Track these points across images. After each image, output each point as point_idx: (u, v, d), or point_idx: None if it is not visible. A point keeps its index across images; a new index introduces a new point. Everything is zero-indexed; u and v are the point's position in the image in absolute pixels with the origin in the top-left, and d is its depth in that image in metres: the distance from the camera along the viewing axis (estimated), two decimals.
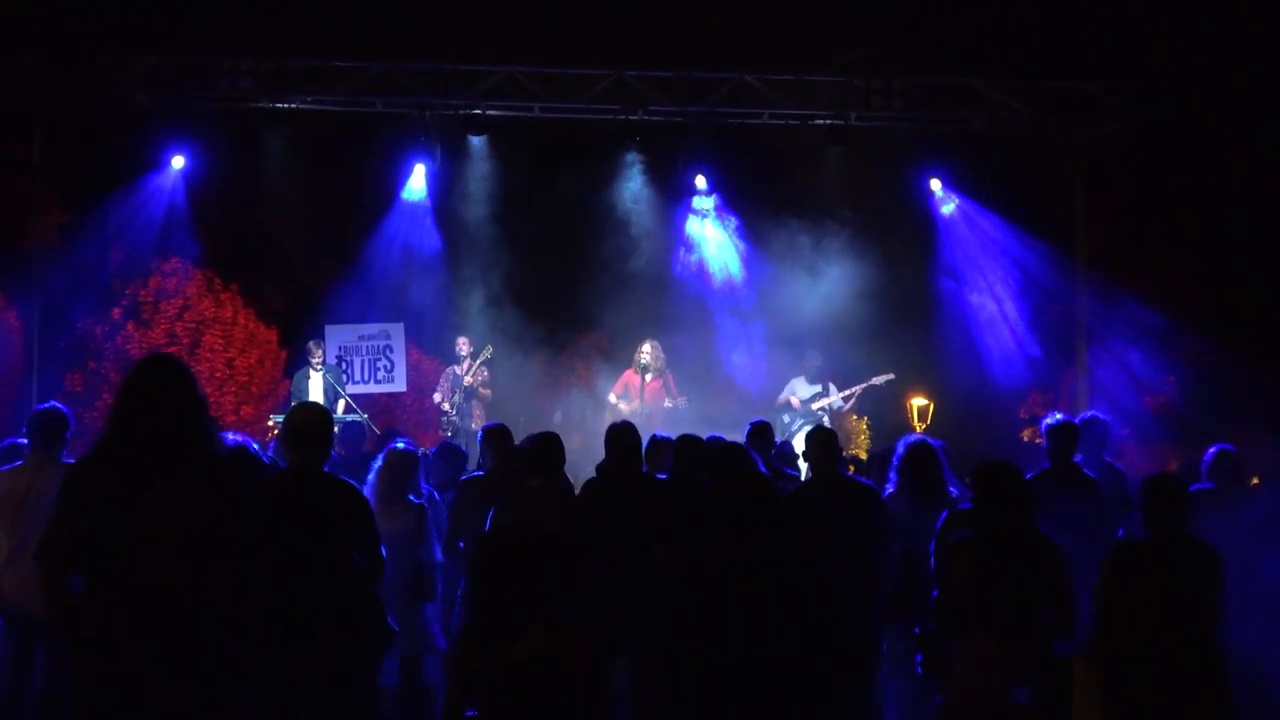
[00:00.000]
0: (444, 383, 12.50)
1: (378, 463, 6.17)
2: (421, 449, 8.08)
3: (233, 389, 13.26)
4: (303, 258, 13.12)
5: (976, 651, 4.67)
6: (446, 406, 11.98)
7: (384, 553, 4.95)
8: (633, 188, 12.98)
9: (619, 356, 12.57)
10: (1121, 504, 6.39)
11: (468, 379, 11.67)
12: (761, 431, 7.28)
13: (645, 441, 6.47)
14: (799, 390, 12.16)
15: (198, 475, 3.81)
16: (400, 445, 6.33)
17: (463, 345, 12.39)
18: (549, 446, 6.11)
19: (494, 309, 12.80)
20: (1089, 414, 7.32)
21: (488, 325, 12.85)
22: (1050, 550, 4.74)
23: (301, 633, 4.64)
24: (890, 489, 6.30)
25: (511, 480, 6.21)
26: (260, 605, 3.98)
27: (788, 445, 8.82)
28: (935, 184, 13.15)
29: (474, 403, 11.95)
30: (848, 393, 11.97)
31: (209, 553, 3.76)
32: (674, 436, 6.61)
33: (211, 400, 12.24)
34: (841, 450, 7.02)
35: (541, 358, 12.87)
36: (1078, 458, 6.53)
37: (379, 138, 12.64)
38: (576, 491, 6.38)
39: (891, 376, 11.85)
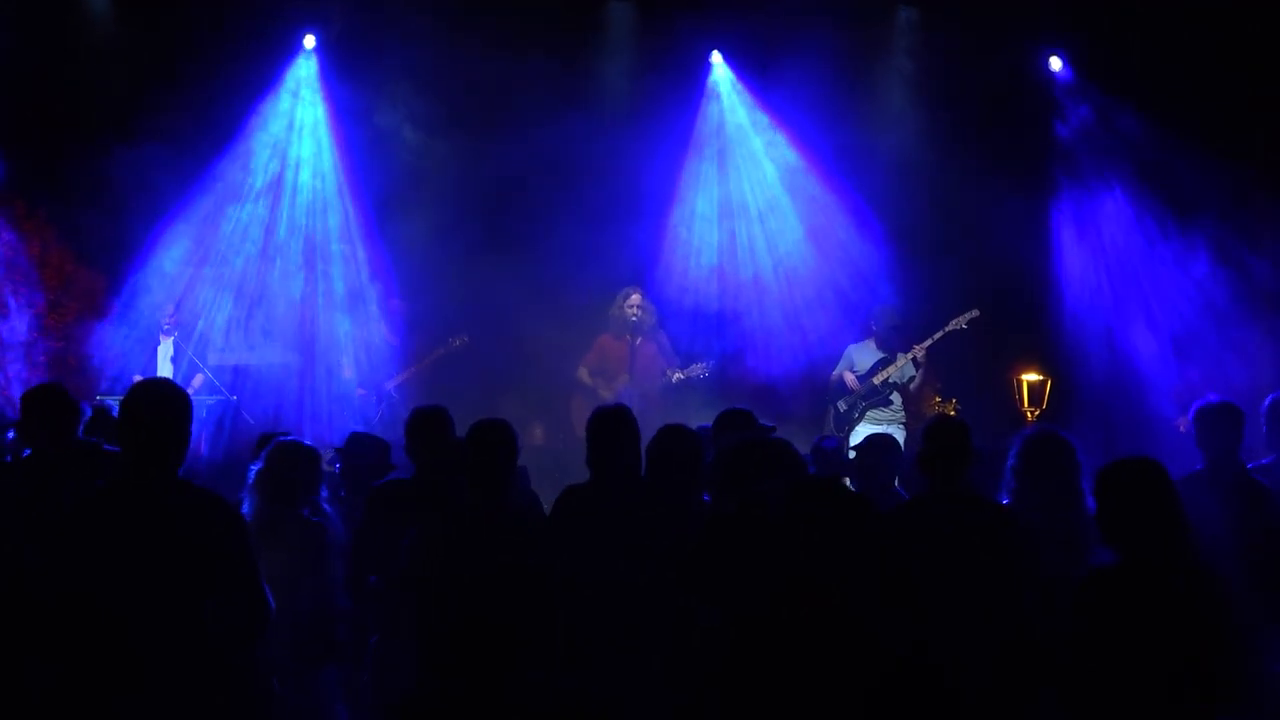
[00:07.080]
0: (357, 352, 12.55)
1: (257, 465, 6.23)
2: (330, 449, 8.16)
3: (42, 358, 12.63)
4: (141, 170, 12.27)
5: None
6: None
7: (269, 597, 4.85)
8: (619, 68, 12.95)
9: (591, 314, 12.44)
10: None
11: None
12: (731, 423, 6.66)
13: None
14: (857, 360, 11.69)
15: None
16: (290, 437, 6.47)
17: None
18: (500, 441, 5.96)
19: (420, 244, 12.53)
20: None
21: (408, 267, 12.56)
22: (1208, 586, 4.73)
23: None
24: (1004, 499, 6.15)
25: (446, 488, 6.18)
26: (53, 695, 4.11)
27: (835, 446, 8.11)
28: (1055, 64, 12.98)
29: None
30: (916, 350, 11.67)
31: None
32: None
33: (8, 375, 12.12)
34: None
35: (488, 317, 12.58)
36: (1266, 460, 6.69)
37: None
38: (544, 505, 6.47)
39: (975, 314, 11.68)
